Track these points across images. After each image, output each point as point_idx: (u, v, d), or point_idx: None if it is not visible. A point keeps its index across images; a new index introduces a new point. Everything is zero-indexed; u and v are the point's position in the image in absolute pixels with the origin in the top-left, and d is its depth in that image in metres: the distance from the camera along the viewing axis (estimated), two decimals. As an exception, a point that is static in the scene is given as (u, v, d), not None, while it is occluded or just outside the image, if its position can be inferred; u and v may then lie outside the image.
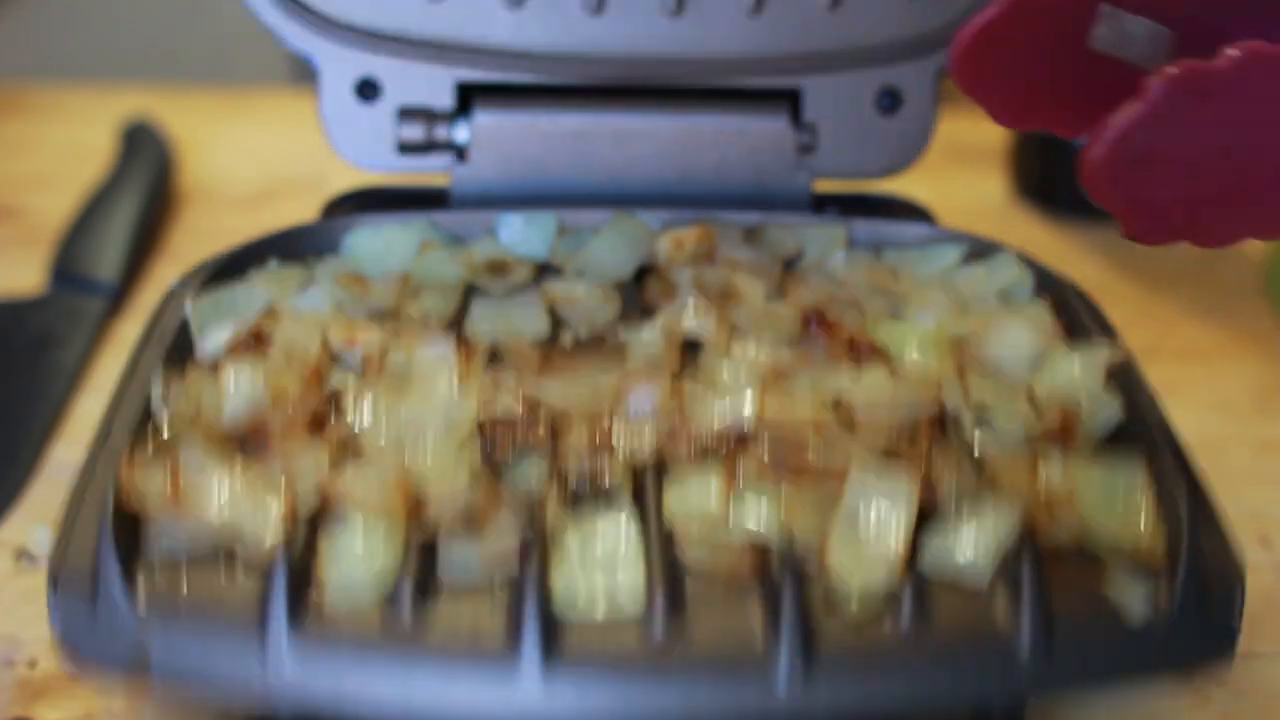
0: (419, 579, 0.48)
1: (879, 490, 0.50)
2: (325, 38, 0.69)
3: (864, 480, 0.50)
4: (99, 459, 0.52)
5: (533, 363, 0.58)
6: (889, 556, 0.48)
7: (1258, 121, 0.46)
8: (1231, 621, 0.48)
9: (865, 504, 0.50)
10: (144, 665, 0.46)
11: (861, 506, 0.50)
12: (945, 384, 0.59)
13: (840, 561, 0.48)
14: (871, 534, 0.49)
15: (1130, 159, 0.46)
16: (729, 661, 0.46)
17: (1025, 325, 0.60)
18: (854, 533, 0.49)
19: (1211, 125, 0.46)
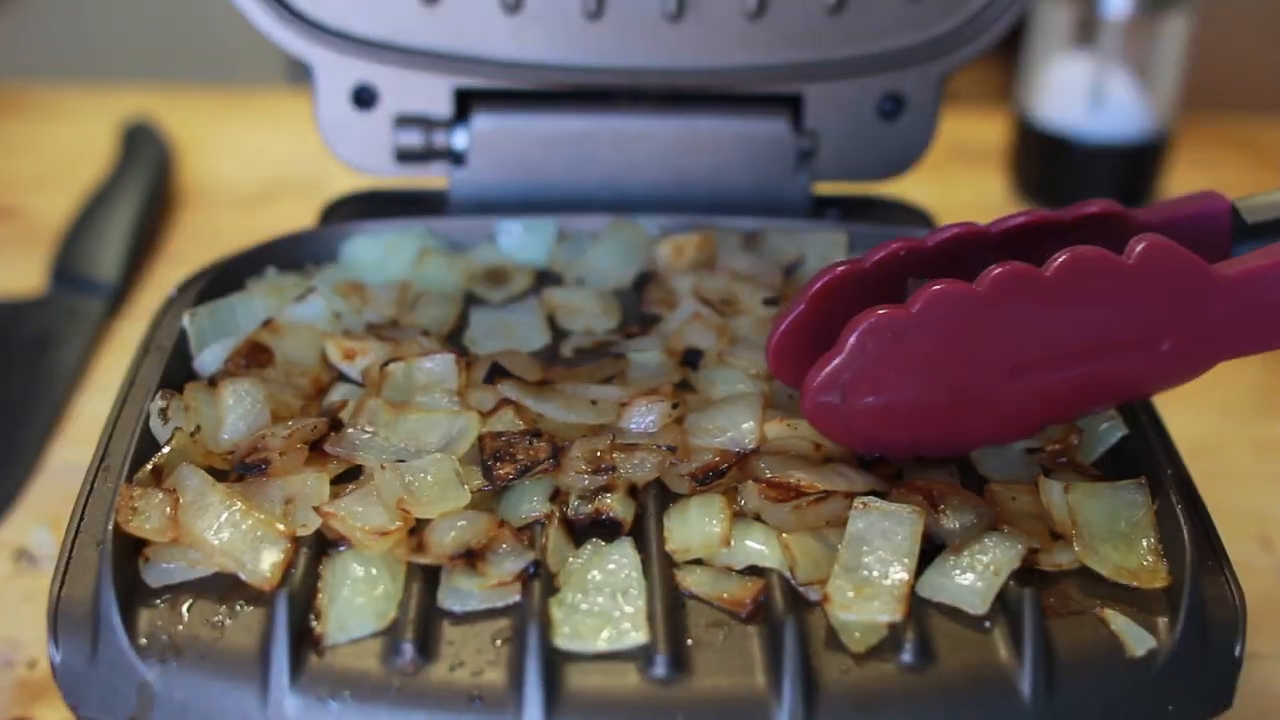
0: (420, 608, 0.48)
1: (881, 528, 0.49)
2: (321, 45, 0.69)
3: (866, 517, 0.50)
4: (98, 484, 0.52)
5: (533, 375, 0.58)
6: (893, 592, 0.48)
7: (950, 354, 0.50)
8: (1233, 652, 0.48)
9: (868, 541, 0.49)
10: (146, 709, 0.46)
11: (865, 545, 0.49)
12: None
13: (843, 599, 0.48)
14: (874, 571, 0.48)
15: (836, 403, 0.50)
16: (731, 705, 0.45)
17: None
18: (857, 569, 0.48)
19: (908, 362, 0.50)
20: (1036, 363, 0.50)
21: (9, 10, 1.22)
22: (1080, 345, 0.50)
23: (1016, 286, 0.49)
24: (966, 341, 0.50)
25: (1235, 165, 1.08)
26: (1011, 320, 0.49)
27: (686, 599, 0.49)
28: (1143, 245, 0.49)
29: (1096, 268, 0.49)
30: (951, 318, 0.49)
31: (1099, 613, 0.49)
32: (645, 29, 0.70)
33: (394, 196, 0.74)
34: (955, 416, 0.52)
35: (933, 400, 0.51)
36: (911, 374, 0.50)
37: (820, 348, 0.51)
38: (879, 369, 0.50)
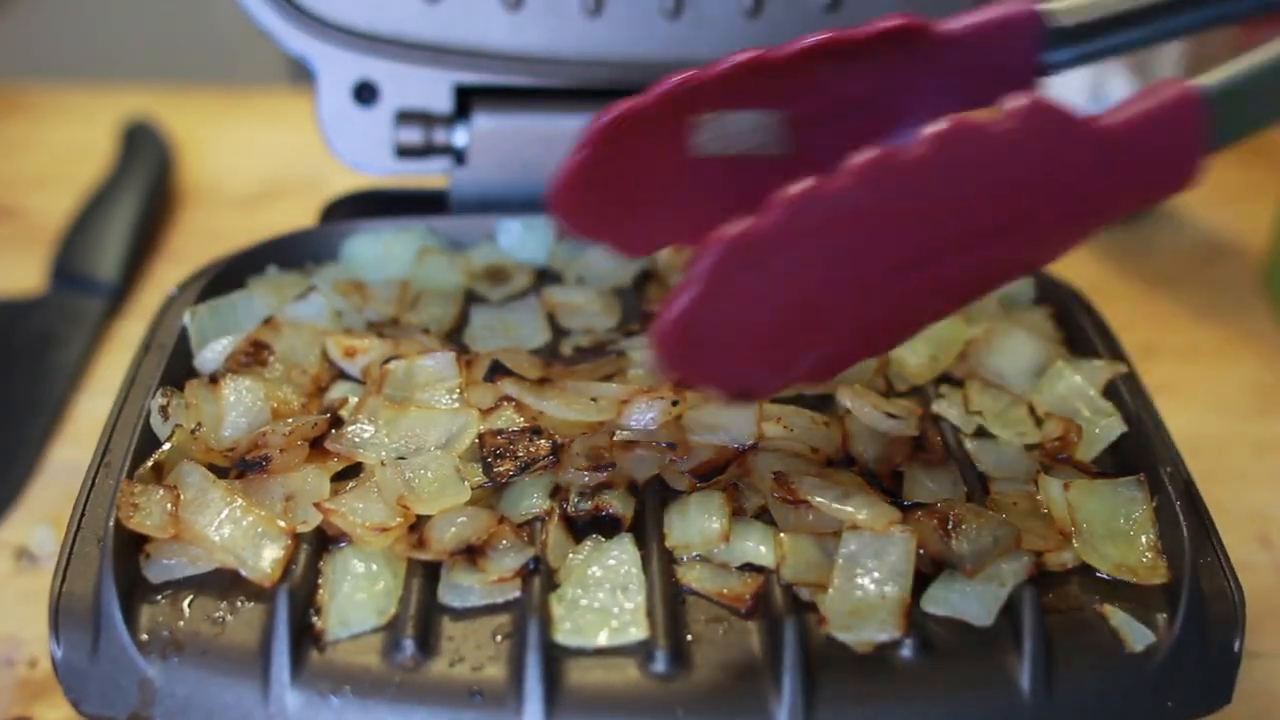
0: (421, 603, 0.48)
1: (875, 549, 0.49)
2: (322, 40, 0.69)
3: (859, 539, 0.49)
4: (98, 482, 0.52)
5: (533, 373, 0.58)
6: (889, 609, 0.48)
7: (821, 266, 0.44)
8: (1233, 649, 0.48)
9: (861, 563, 0.49)
10: (148, 705, 0.46)
11: (858, 567, 0.49)
12: (946, 394, 0.59)
13: (841, 621, 0.48)
14: (870, 591, 0.48)
15: (692, 338, 0.43)
16: (731, 701, 0.46)
17: (1027, 337, 0.60)
18: (852, 591, 0.48)
19: (773, 285, 0.43)
20: (914, 258, 0.44)
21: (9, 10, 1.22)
22: (960, 230, 0.44)
23: (885, 173, 0.42)
24: (839, 247, 0.43)
25: (1235, 165, 1.08)
26: (884, 214, 0.43)
27: (686, 595, 0.49)
28: (1017, 105, 0.43)
29: (970, 139, 0.43)
30: (819, 225, 0.42)
31: (1098, 609, 0.49)
32: (644, 25, 0.70)
33: (394, 196, 0.74)
34: (831, 334, 0.46)
35: (804, 320, 0.45)
36: (776, 297, 0.43)
37: (609, 193, 0.48)
38: (739, 298, 0.43)
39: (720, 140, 0.51)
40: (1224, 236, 0.98)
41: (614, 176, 0.49)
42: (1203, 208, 1.01)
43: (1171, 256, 0.95)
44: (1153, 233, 0.98)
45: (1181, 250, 0.96)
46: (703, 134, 0.50)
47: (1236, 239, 0.97)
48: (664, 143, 0.48)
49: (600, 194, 0.50)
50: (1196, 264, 0.95)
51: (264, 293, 0.63)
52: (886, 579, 0.48)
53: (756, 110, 0.51)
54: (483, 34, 0.70)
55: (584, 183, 0.49)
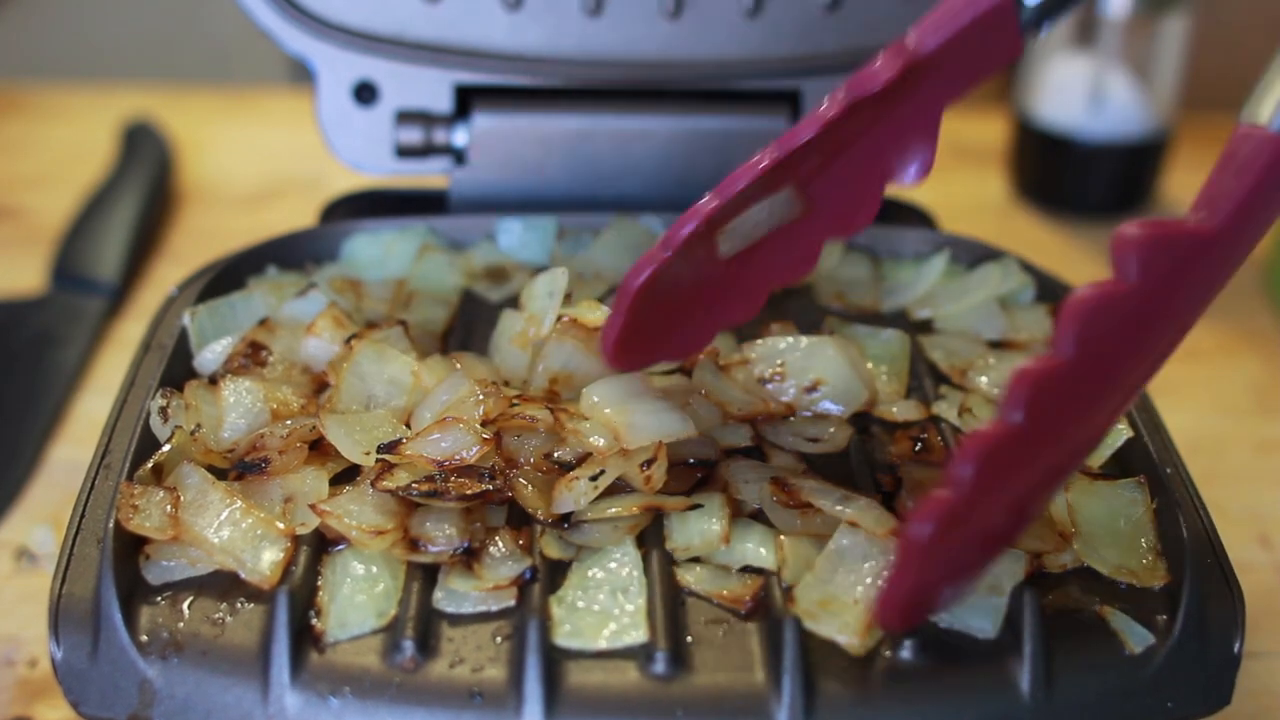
0: (420, 605, 0.48)
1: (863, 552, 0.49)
2: (322, 40, 0.69)
3: (853, 536, 0.49)
4: (98, 482, 0.52)
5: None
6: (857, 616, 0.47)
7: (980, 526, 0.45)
8: (1232, 650, 0.48)
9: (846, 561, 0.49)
10: (147, 706, 0.46)
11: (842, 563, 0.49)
12: (946, 394, 0.59)
13: (809, 605, 0.48)
14: (844, 591, 0.48)
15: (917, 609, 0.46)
16: (731, 702, 0.45)
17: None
18: (829, 582, 0.48)
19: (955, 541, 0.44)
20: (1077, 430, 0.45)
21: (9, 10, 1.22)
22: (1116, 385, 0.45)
23: (1040, 395, 0.42)
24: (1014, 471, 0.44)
25: (1235, 165, 1.08)
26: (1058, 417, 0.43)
27: (686, 596, 0.49)
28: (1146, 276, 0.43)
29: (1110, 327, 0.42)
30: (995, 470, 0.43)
31: (1098, 610, 0.49)
32: (644, 25, 0.70)
33: (394, 196, 0.74)
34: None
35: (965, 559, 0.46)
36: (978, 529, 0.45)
37: (647, 334, 0.50)
38: (946, 548, 0.44)
39: (742, 239, 0.53)
40: (1224, 236, 0.98)
41: (655, 316, 0.51)
42: (1203, 207, 1.01)
43: (1172, 256, 0.95)
44: (1153, 232, 0.98)
45: (1182, 250, 0.96)
46: (725, 242, 0.52)
47: (1237, 239, 0.97)
48: (692, 269, 0.50)
49: (645, 334, 0.52)
50: (1197, 264, 0.94)
51: (264, 293, 0.63)
52: (864, 582, 0.48)
53: (770, 198, 0.52)
54: (483, 34, 0.70)
55: (630, 335, 0.52)
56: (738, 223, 0.51)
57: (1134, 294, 0.42)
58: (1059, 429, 0.44)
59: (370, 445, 0.52)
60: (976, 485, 0.42)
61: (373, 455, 0.52)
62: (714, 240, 0.52)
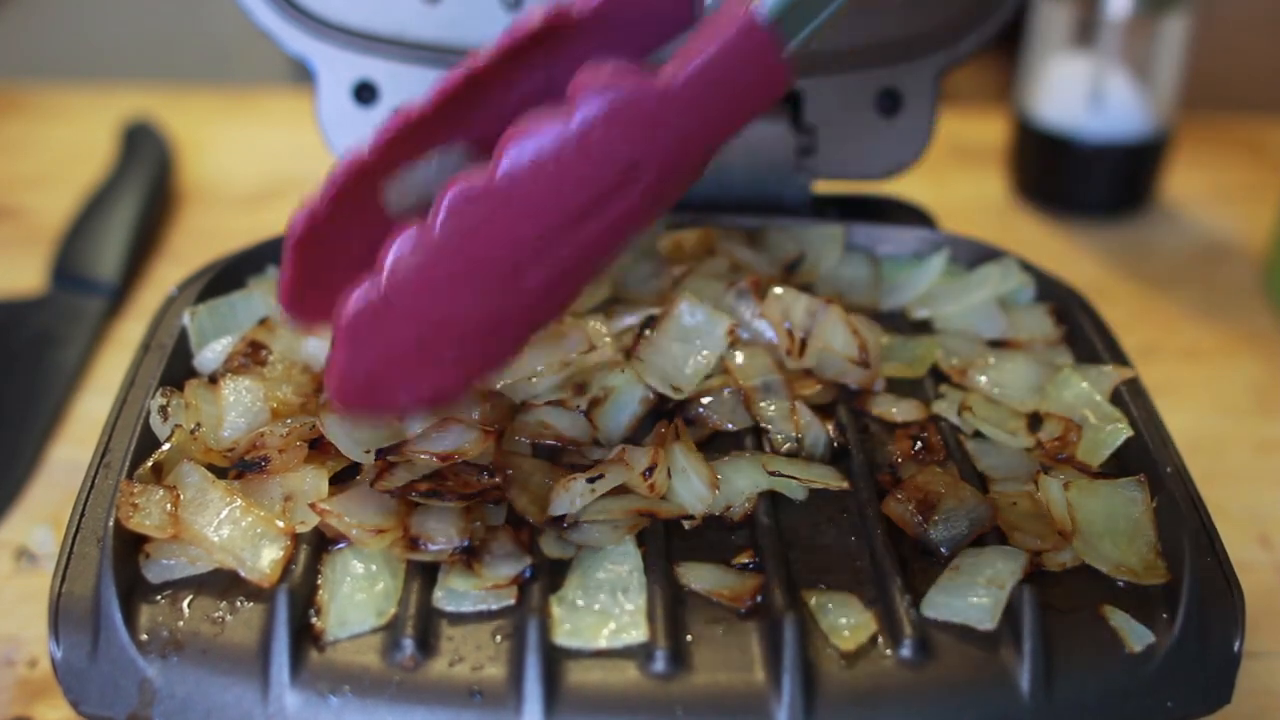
0: (420, 604, 0.48)
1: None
2: (322, 40, 0.69)
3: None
4: (98, 481, 0.52)
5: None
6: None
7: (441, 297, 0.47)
8: (1232, 649, 0.48)
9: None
10: (147, 705, 0.46)
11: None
12: (946, 394, 0.59)
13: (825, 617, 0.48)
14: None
15: (358, 388, 0.49)
16: (731, 701, 0.46)
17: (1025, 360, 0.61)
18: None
19: (404, 324, 0.47)
20: (530, 259, 0.47)
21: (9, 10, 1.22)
22: (562, 221, 0.47)
23: (470, 207, 0.46)
24: (452, 273, 0.47)
25: (1235, 165, 1.08)
26: (480, 238, 0.46)
27: (686, 596, 0.49)
28: (579, 106, 0.45)
29: (540, 155, 0.45)
30: (419, 267, 0.46)
31: (1098, 609, 0.49)
32: (645, 26, 0.70)
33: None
34: (476, 347, 0.49)
35: (469, 305, 0.48)
36: (411, 336, 0.48)
37: (337, 245, 0.51)
38: (377, 344, 0.47)
39: (411, 194, 0.53)
40: (1224, 236, 0.98)
41: (332, 267, 0.51)
42: (1203, 208, 1.01)
43: (1171, 256, 0.95)
44: (1153, 233, 0.98)
45: (1181, 250, 0.96)
46: (393, 194, 0.52)
47: (1236, 239, 0.97)
48: (362, 224, 0.50)
49: (325, 285, 0.51)
50: (1196, 264, 0.95)
51: (264, 293, 0.63)
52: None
53: (440, 152, 0.52)
54: (482, 34, 0.70)
55: (305, 285, 0.52)
56: (406, 178, 0.51)
57: (573, 136, 0.45)
58: (484, 255, 0.47)
59: (370, 444, 0.52)
60: (393, 288, 0.46)
61: (372, 453, 0.52)
62: (379, 195, 0.51)
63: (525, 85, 0.52)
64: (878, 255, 0.69)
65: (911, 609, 0.48)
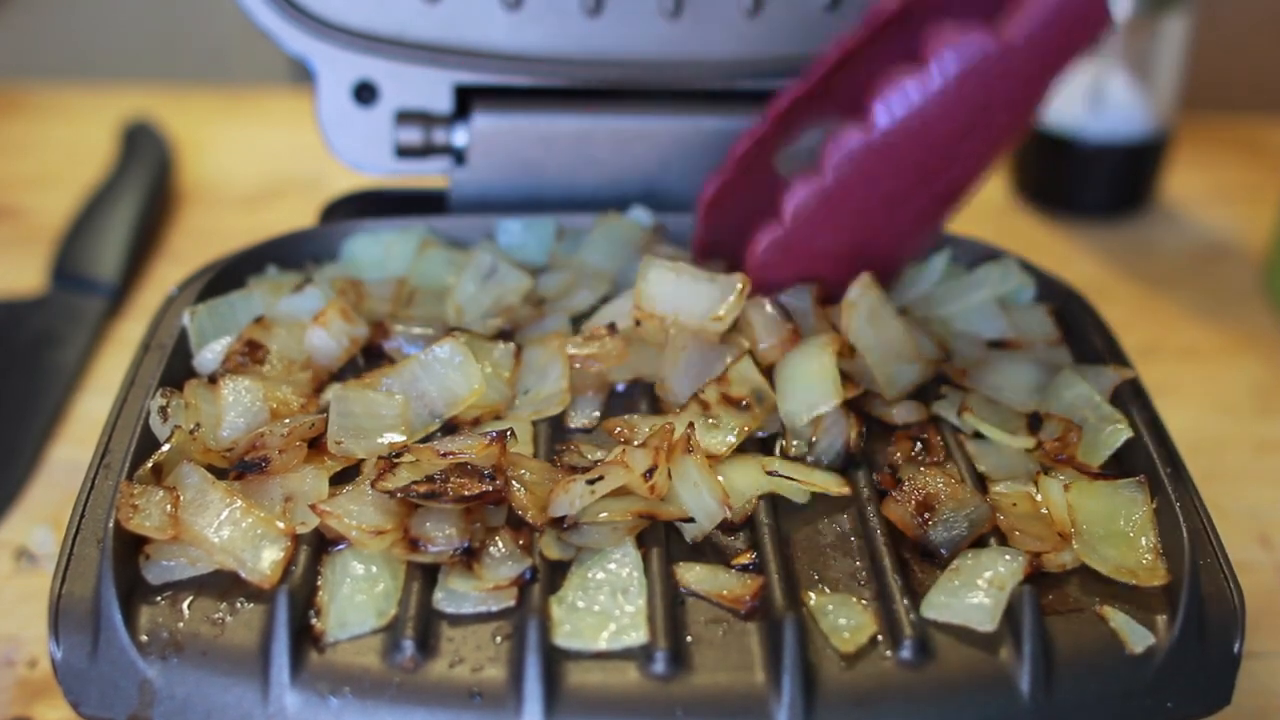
0: (420, 605, 0.48)
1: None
2: (322, 40, 0.69)
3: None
4: (98, 482, 0.52)
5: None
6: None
7: (868, 195, 0.57)
8: (1232, 650, 0.48)
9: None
10: (147, 706, 0.46)
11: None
12: (947, 394, 0.59)
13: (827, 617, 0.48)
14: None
15: (778, 261, 0.59)
16: (731, 702, 0.46)
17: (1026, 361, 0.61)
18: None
19: (834, 211, 0.58)
20: (904, 195, 0.57)
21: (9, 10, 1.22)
22: (929, 160, 0.56)
23: (853, 157, 0.55)
24: (840, 214, 0.57)
25: (1235, 165, 1.08)
26: (863, 181, 0.56)
27: (686, 596, 0.49)
28: (936, 63, 0.53)
29: (908, 108, 0.54)
30: (814, 212, 0.57)
31: (1098, 610, 0.49)
32: (644, 25, 0.70)
33: (394, 196, 0.74)
34: (876, 241, 0.60)
35: (854, 235, 0.59)
36: (839, 218, 0.57)
37: (738, 206, 0.61)
38: (811, 227, 0.57)
39: (797, 158, 0.62)
40: (1224, 236, 0.98)
41: (736, 230, 0.62)
42: (1203, 208, 1.01)
43: (1171, 256, 0.95)
44: (1153, 233, 0.98)
45: (1181, 250, 0.96)
46: (784, 165, 0.61)
47: (1236, 239, 0.97)
48: (762, 190, 0.60)
49: (731, 203, 0.63)
50: (1196, 264, 0.95)
51: (264, 293, 0.63)
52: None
53: (821, 122, 0.62)
54: (483, 34, 0.70)
55: (722, 193, 0.63)
56: (794, 146, 0.59)
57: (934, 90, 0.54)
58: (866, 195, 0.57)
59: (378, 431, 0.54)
60: (793, 230, 0.57)
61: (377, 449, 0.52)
62: (770, 163, 0.61)
63: (884, 59, 0.59)
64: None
65: (911, 610, 0.48)
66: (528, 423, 0.57)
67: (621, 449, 0.52)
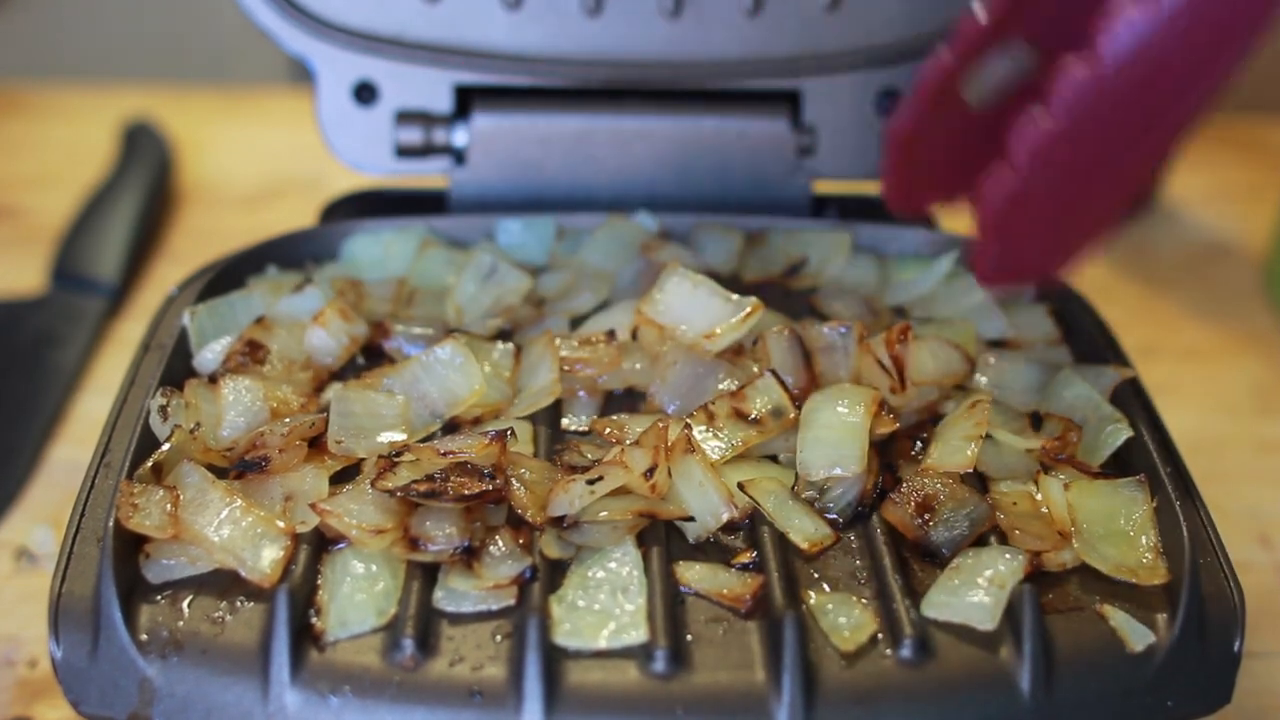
0: (420, 604, 0.48)
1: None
2: (322, 40, 0.69)
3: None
4: (98, 481, 0.52)
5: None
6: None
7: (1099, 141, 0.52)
8: (1232, 649, 0.48)
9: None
10: (147, 705, 0.46)
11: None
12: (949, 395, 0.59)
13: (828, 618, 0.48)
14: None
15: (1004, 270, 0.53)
16: (731, 701, 0.46)
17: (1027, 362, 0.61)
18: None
19: (1065, 166, 0.52)
20: (1137, 133, 0.52)
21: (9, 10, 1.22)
22: (1161, 97, 0.51)
23: (1084, 93, 0.50)
24: (1075, 156, 0.51)
25: (1235, 165, 1.08)
26: (1097, 120, 0.51)
27: (686, 596, 0.49)
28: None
29: (1138, 40, 0.49)
30: (1049, 154, 0.50)
31: (1098, 609, 0.49)
32: (644, 25, 0.70)
33: (394, 196, 0.74)
34: (1090, 217, 0.53)
35: (1086, 188, 0.53)
36: (1075, 165, 0.51)
37: (932, 141, 0.56)
38: (1018, 227, 0.52)
39: (989, 90, 0.57)
40: (1224, 236, 0.98)
41: (928, 164, 0.58)
42: (1203, 208, 1.01)
43: (1171, 256, 0.95)
44: (1153, 233, 0.98)
45: (1181, 250, 0.96)
46: (972, 93, 0.57)
47: (1236, 239, 0.97)
48: (952, 120, 0.56)
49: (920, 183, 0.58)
50: (1196, 264, 0.95)
51: (264, 293, 0.63)
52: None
53: (1004, 50, 0.57)
54: (483, 34, 0.70)
55: (902, 182, 0.59)
56: (980, 73, 0.56)
57: (1165, 18, 0.49)
58: (1109, 125, 0.51)
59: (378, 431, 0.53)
60: (1031, 176, 0.50)
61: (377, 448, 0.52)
62: (959, 94, 0.57)
63: None
64: (882, 256, 0.69)
65: (912, 609, 0.48)
66: (527, 422, 0.57)
67: (620, 449, 0.52)
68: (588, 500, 0.50)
